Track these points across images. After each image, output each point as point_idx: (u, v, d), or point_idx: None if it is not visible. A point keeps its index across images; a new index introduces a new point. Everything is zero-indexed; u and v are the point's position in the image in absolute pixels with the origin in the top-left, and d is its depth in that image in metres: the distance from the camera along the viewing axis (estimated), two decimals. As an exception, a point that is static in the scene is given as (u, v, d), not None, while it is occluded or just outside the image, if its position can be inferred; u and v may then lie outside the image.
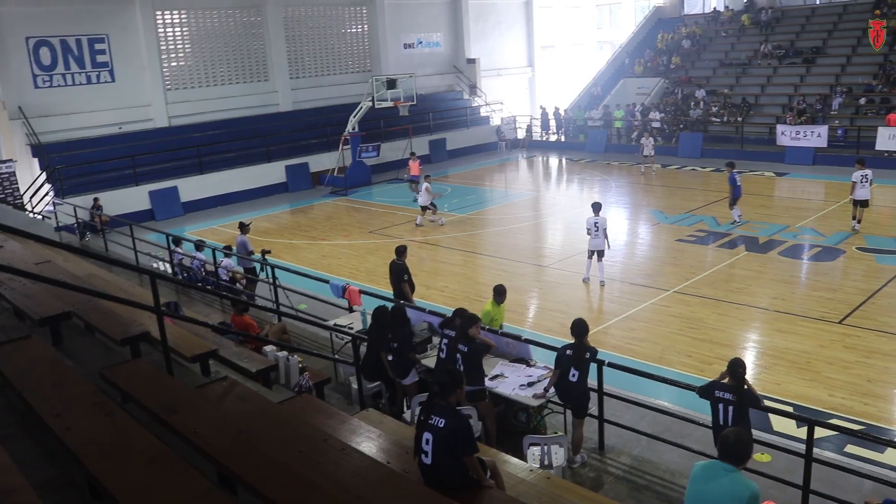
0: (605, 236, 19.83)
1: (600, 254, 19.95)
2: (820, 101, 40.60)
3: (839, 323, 16.45)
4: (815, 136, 37.93)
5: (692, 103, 44.98)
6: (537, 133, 48.94)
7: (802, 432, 11.66)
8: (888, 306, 17.35)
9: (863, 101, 39.79)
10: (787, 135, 38.92)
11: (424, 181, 28.37)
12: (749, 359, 14.95)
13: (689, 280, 19.76)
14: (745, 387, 9.71)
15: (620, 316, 17.62)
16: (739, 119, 42.80)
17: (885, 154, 35.97)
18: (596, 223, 19.82)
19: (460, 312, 11.27)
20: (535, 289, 19.96)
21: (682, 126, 43.78)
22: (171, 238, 20.04)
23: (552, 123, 48.89)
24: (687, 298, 18.49)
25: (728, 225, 25.06)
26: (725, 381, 9.81)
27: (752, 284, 19.22)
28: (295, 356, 12.48)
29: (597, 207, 20.11)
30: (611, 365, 10.80)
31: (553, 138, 48.35)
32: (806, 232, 24.09)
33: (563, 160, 42.83)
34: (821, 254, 21.63)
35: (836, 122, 39.04)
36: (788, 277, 19.69)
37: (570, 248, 23.46)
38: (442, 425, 7.05)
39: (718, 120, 43.38)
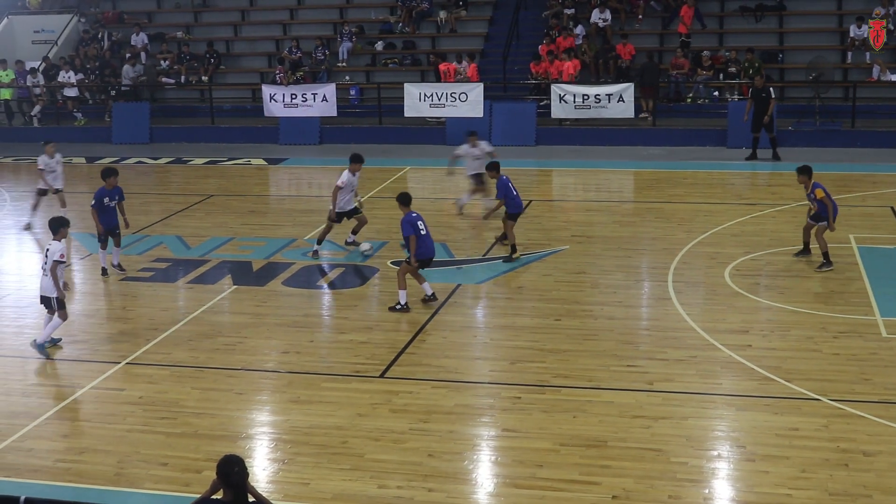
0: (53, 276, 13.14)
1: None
2: (322, 47, 31.23)
3: (380, 377, 12.47)
4: (321, 101, 28.93)
5: (143, 55, 32.65)
6: None
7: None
8: (442, 344, 13.58)
9: (380, 45, 32.02)
10: (280, 100, 29.19)
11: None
12: (255, 452, 10.74)
13: (150, 342, 13.81)
14: (252, 498, 7.42)
15: (42, 417, 11.71)
16: (205, 79, 31.61)
17: (429, 121, 29.05)
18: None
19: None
20: None
21: (114, 93, 31.72)
22: None
23: None
24: (149, 372, 12.86)
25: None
26: (220, 495, 7.30)
27: (250, 336, 13.98)
28: None
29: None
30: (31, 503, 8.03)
31: None
32: (324, 246, 17.87)
33: None
34: (346, 276, 16.63)
35: (347, 77, 31.02)
36: (302, 319, 14.68)
37: None
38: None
39: (172, 81, 32.02)
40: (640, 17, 31.07)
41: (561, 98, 27.73)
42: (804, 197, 16.54)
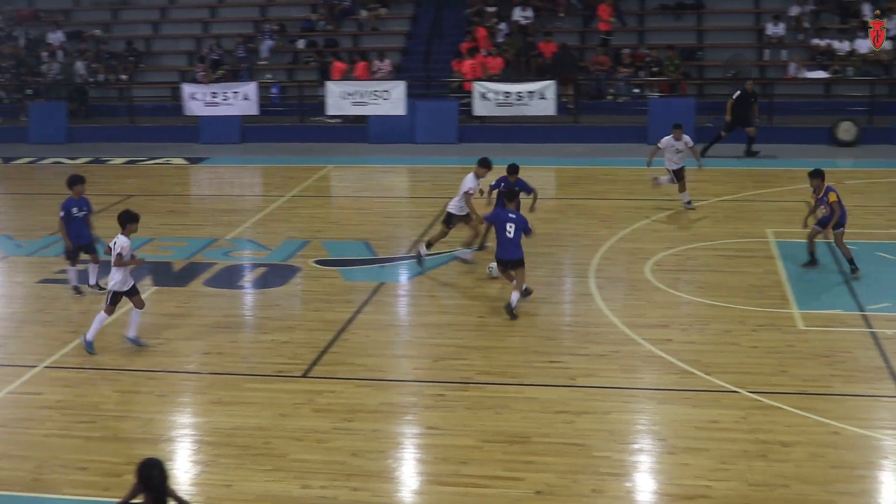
0: None
1: None
2: (243, 45, 31.22)
3: (303, 377, 12.41)
4: (242, 100, 28.79)
5: (45, 54, 32.43)
6: None
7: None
8: (364, 342, 13.55)
9: (301, 43, 31.89)
10: (200, 98, 29.02)
11: None
12: (176, 455, 10.59)
13: (68, 345, 13.51)
14: (172, 502, 7.36)
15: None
16: (124, 77, 31.54)
17: (332, 121, 28.96)
18: None
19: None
20: None
21: (31, 92, 31.63)
22: None
23: None
24: (68, 375, 12.61)
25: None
26: (140, 499, 7.27)
27: (171, 337, 13.77)
28: None
29: None
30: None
31: None
32: (243, 245, 18.40)
33: None
34: (268, 276, 16.52)
35: (269, 76, 31.12)
36: (224, 319, 14.61)
37: None
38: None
39: (92, 80, 31.63)
40: (562, 14, 31.28)
41: (483, 95, 27.80)
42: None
